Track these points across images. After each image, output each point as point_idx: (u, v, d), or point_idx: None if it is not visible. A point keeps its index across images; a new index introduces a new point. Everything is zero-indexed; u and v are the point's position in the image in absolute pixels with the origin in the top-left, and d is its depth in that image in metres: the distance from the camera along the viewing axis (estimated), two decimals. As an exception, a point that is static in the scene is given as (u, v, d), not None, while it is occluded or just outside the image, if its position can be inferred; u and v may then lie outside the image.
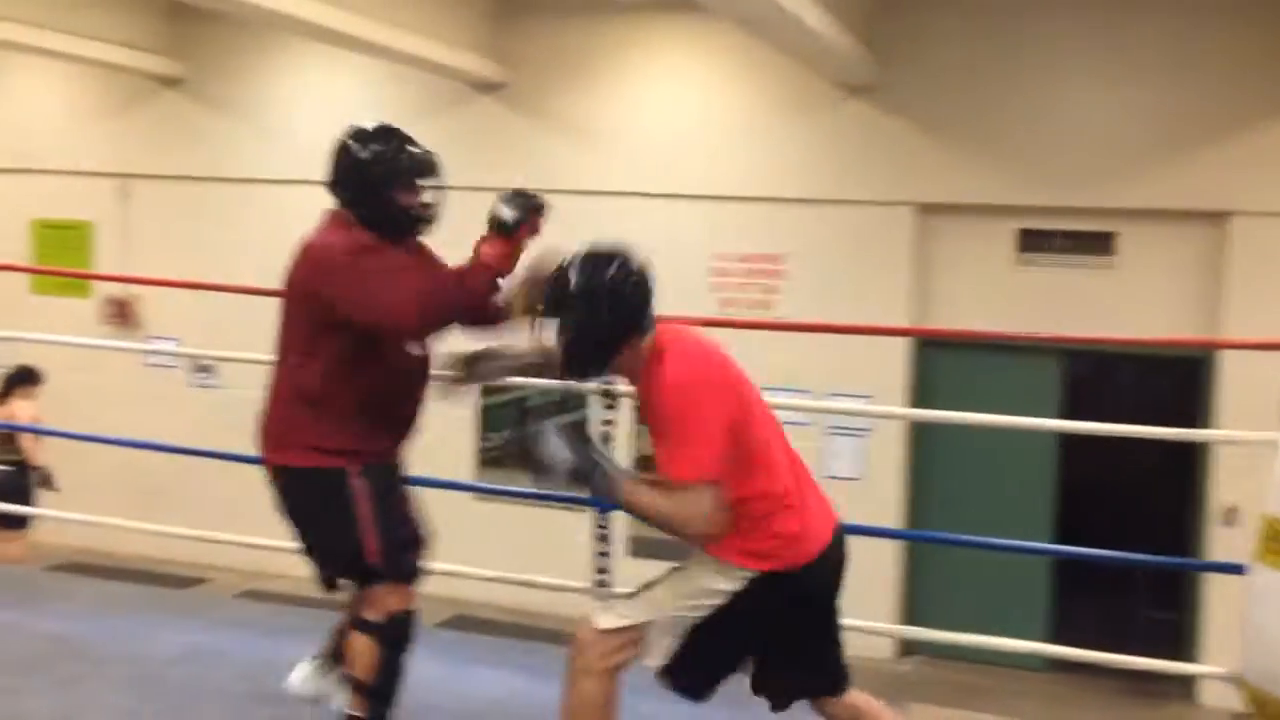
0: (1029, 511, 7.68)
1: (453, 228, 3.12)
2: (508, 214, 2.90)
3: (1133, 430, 4.22)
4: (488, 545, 8.27)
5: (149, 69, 9.28)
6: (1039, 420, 6.33)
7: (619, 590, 4.20)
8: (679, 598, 2.71)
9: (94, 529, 8.84)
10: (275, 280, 5.42)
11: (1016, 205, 7.64)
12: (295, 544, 3.09)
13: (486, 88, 8.66)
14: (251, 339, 7.02)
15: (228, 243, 9.20)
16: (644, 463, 8.61)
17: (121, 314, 9.65)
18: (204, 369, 9.49)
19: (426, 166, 3.04)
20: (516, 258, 2.92)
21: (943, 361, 7.92)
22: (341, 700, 3.21)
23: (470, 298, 2.88)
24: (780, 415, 2.89)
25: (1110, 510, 8.17)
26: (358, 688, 3.04)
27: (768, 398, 2.79)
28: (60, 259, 9.75)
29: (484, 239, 2.89)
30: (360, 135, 3.07)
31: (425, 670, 3.97)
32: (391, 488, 3.09)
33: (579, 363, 2.70)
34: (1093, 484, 8.23)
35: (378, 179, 3.00)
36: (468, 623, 7.44)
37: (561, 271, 2.69)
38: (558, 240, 2.90)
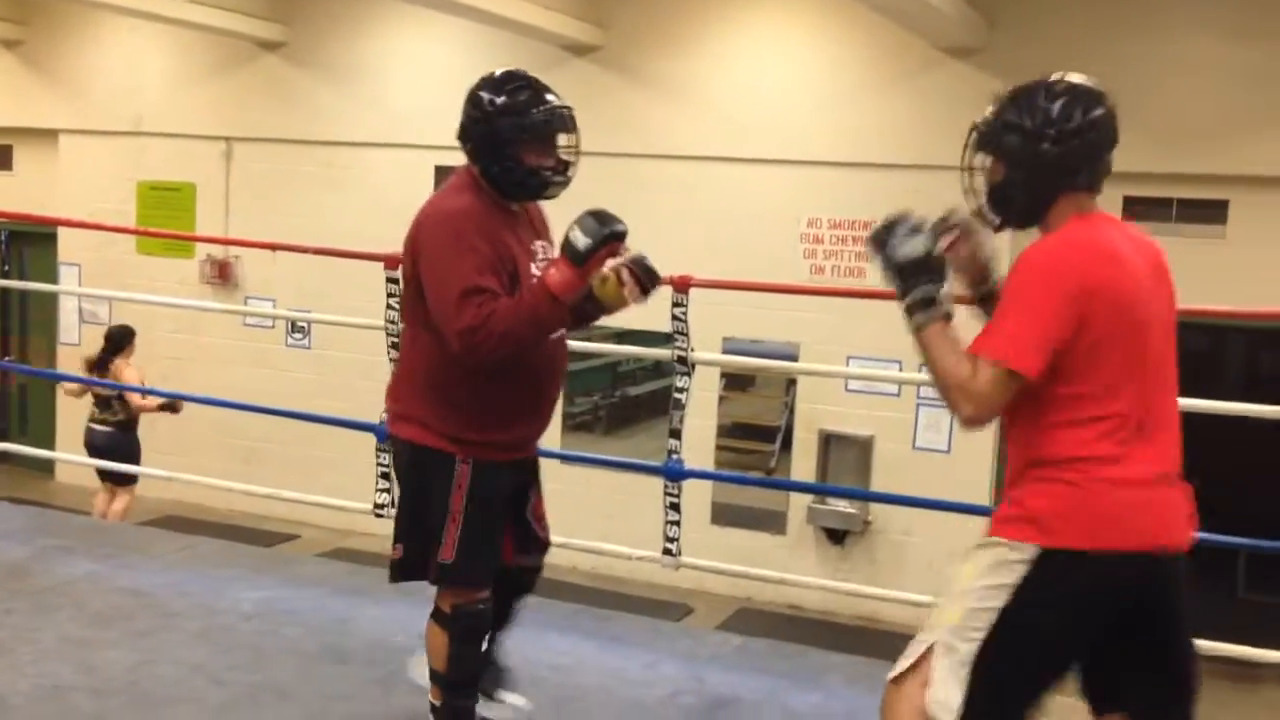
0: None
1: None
2: (581, 243, 2.63)
3: (1243, 409, 3.96)
4: (573, 511, 8.29)
5: (251, 33, 9.41)
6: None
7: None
8: (954, 607, 2.23)
9: (195, 486, 9.13)
10: (369, 242, 5.41)
11: (1122, 171, 7.26)
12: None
13: (580, 50, 8.59)
14: (344, 300, 7.17)
15: (323, 204, 9.34)
16: (730, 430, 8.55)
17: (221, 274, 9.86)
18: (299, 330, 9.66)
19: (561, 122, 2.78)
20: (588, 284, 2.67)
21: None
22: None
23: (531, 329, 2.67)
24: (870, 385, 2.71)
25: (1213, 491, 7.84)
26: (434, 677, 2.93)
27: (859, 367, 2.61)
28: (165, 220, 9.98)
29: (555, 261, 2.68)
30: (490, 83, 2.79)
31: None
32: (495, 490, 2.85)
33: (1007, 207, 2.40)
34: (1196, 463, 7.90)
35: (505, 134, 2.74)
36: (547, 587, 7.48)
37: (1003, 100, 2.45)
38: (649, 204, 2.85)
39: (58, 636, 3.76)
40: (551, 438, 8.54)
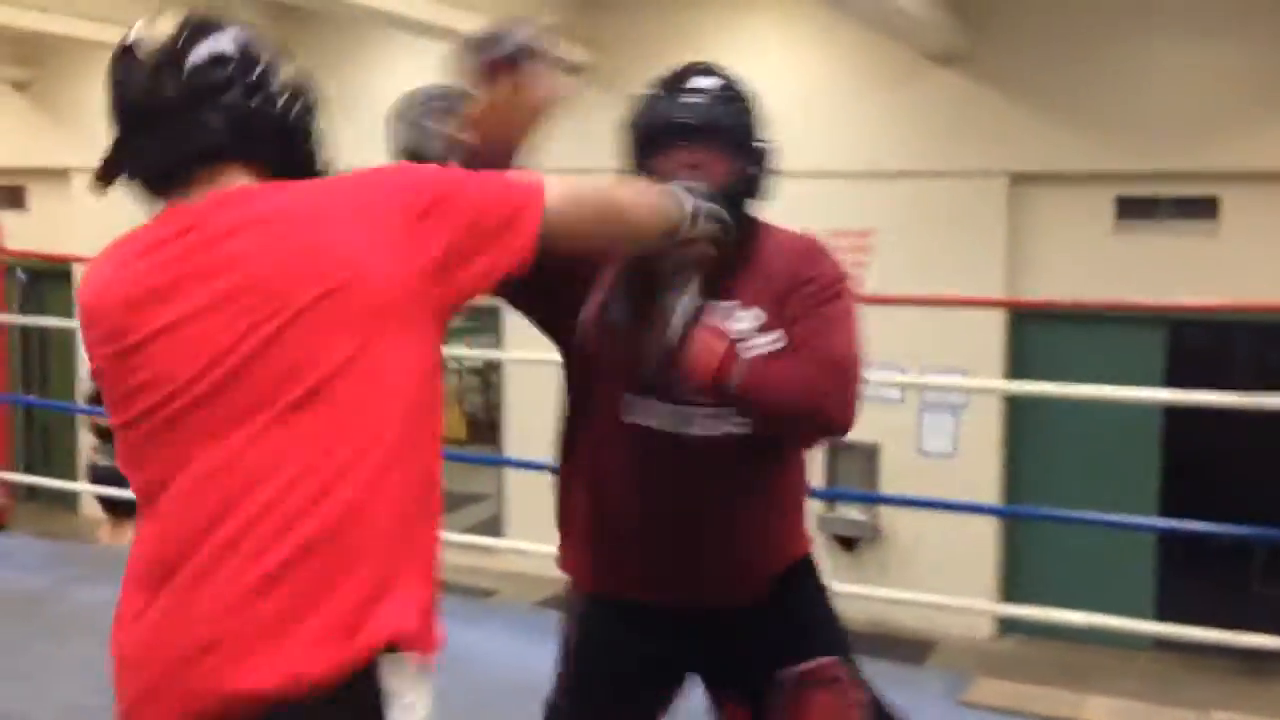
0: (1132, 488, 7.48)
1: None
2: None
3: (1238, 401, 4.00)
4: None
5: (254, 67, 9.60)
6: (1138, 391, 6.21)
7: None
8: None
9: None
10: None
11: (1113, 172, 7.43)
12: None
13: (573, 72, 8.74)
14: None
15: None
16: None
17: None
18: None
19: None
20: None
21: (1040, 334, 7.76)
22: None
23: None
24: (874, 391, 2.23)
25: (1220, 486, 7.91)
26: None
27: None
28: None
29: None
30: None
31: (508, 647, 4.10)
32: None
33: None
34: (1201, 458, 7.97)
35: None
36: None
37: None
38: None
39: (77, 660, 3.89)
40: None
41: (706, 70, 2.09)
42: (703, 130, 1.98)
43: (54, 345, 11.25)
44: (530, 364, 8.78)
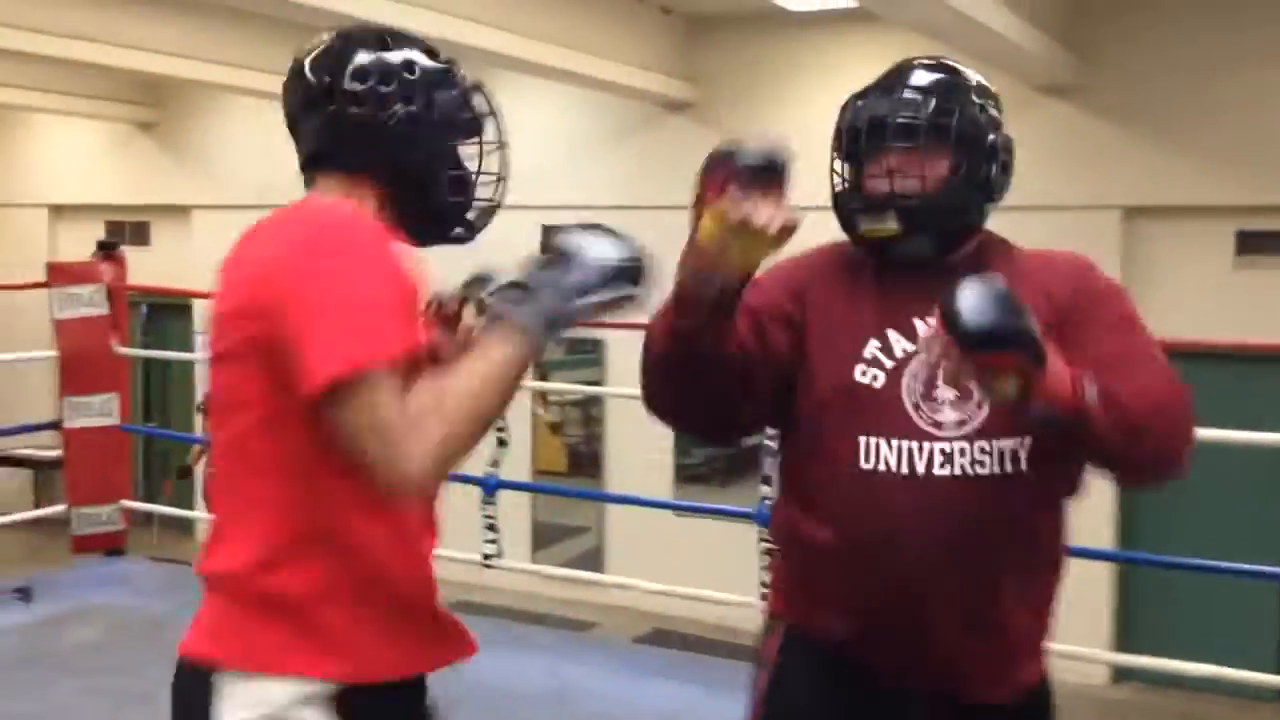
0: (1256, 532, 7.19)
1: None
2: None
3: None
4: (688, 560, 8.38)
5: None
6: (1262, 435, 5.94)
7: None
8: None
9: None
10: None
11: (1234, 205, 7.20)
12: None
13: (676, 107, 8.80)
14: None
15: (438, 266, 9.64)
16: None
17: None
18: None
19: None
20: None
21: (1157, 373, 7.53)
22: None
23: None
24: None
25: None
26: None
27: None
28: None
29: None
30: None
31: (607, 682, 4.09)
32: None
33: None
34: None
35: None
36: (665, 637, 7.55)
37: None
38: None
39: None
40: (664, 489, 8.73)
41: (922, 65, 1.88)
42: (907, 128, 1.75)
43: (174, 376, 11.61)
44: (632, 398, 8.82)
